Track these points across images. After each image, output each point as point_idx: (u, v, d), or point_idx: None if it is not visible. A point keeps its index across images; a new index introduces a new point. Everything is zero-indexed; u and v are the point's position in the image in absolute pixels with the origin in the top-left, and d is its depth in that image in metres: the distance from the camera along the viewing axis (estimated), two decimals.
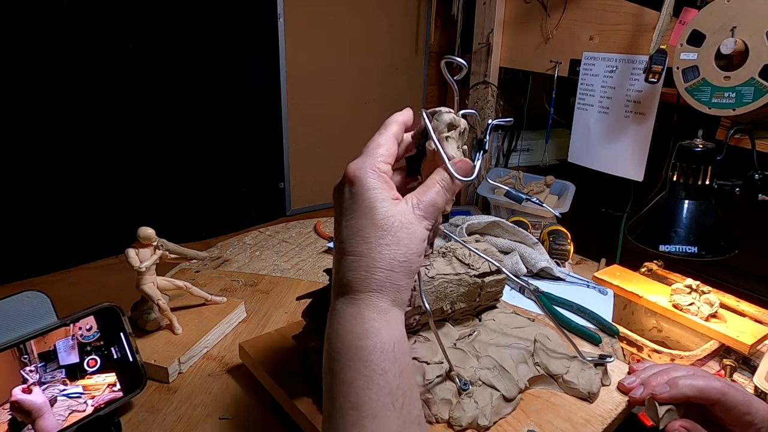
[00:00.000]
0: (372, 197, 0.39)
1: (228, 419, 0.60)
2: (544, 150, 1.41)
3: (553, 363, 0.60)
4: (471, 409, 0.53)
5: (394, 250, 0.39)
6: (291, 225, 1.26)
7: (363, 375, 0.36)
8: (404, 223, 0.39)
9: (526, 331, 0.64)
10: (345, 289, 0.39)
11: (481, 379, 0.56)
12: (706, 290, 0.91)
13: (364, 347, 0.37)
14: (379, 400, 0.35)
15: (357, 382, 0.36)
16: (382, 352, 0.37)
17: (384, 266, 0.38)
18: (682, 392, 0.52)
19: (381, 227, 0.39)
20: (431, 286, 0.60)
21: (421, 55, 1.53)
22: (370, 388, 0.36)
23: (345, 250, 0.40)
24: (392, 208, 0.39)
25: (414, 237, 0.39)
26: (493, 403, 0.54)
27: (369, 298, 0.38)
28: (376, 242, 0.38)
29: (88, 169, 1.04)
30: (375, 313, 0.38)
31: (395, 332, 0.38)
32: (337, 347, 0.38)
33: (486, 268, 0.64)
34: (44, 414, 0.52)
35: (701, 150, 0.84)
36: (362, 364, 0.36)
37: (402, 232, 0.39)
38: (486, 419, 0.53)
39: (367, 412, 0.35)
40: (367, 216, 0.39)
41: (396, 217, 0.39)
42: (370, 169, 0.40)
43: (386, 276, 0.38)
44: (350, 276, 0.39)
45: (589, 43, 1.16)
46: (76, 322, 0.57)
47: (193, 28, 1.11)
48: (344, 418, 0.36)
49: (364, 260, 0.39)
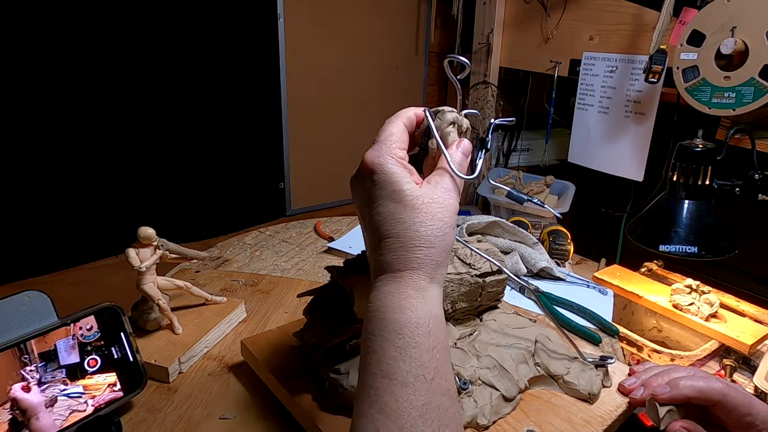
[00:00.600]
0: (397, 181, 0.40)
1: (228, 419, 0.60)
2: (544, 150, 1.41)
3: (554, 363, 0.60)
4: (470, 408, 0.53)
5: (429, 226, 0.39)
6: (291, 225, 1.26)
7: (397, 346, 0.37)
8: (435, 198, 0.40)
9: (527, 332, 0.64)
10: (384, 269, 0.40)
11: (480, 379, 0.56)
12: (706, 290, 0.91)
13: (398, 321, 0.38)
14: (410, 371, 0.36)
15: (390, 353, 0.37)
16: (417, 326, 0.38)
17: (422, 244, 0.39)
18: (683, 393, 0.52)
19: (413, 207, 0.40)
20: None
21: (421, 55, 1.53)
22: (403, 359, 0.37)
23: (382, 235, 0.40)
24: (417, 188, 0.40)
25: (447, 209, 0.40)
26: (492, 402, 0.54)
27: (408, 276, 0.39)
28: (411, 221, 0.39)
29: (88, 169, 1.04)
30: (413, 290, 0.39)
31: (432, 309, 0.39)
32: (373, 322, 0.39)
33: (487, 268, 0.65)
34: (39, 414, 0.52)
35: (701, 150, 0.84)
36: (396, 336, 0.37)
37: (434, 207, 0.40)
38: (485, 419, 0.53)
39: (399, 381, 0.36)
40: (395, 199, 0.40)
41: (425, 195, 0.40)
42: (387, 155, 0.41)
43: (425, 253, 0.39)
44: (390, 257, 0.40)
45: (589, 43, 1.16)
46: (77, 322, 0.57)
47: (193, 28, 1.11)
48: (376, 385, 0.37)
49: (402, 240, 0.39)
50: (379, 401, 0.36)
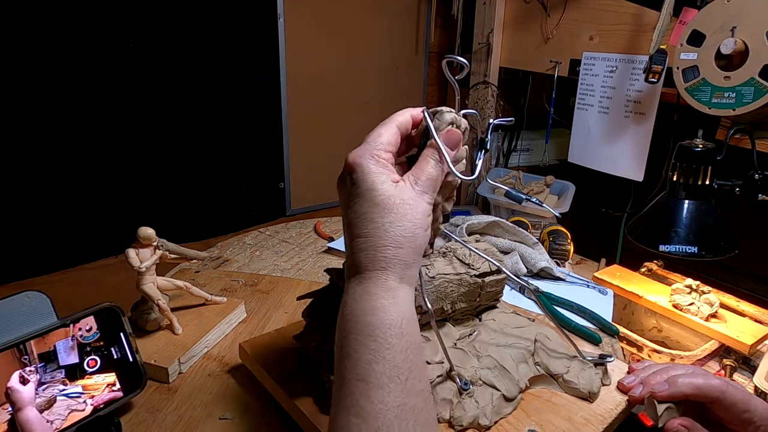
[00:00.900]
0: (372, 180, 0.41)
1: (228, 419, 0.60)
2: (544, 150, 1.41)
3: (554, 363, 0.60)
4: (472, 408, 0.53)
5: (398, 227, 0.40)
6: (291, 225, 1.26)
7: (370, 349, 0.37)
8: (405, 200, 0.41)
9: (526, 331, 0.64)
10: (355, 269, 0.41)
11: (481, 379, 0.56)
12: (706, 290, 0.91)
13: (371, 323, 0.38)
14: (384, 372, 0.37)
15: (365, 356, 0.37)
16: (389, 328, 0.38)
17: (390, 243, 0.40)
18: (681, 390, 0.52)
19: (384, 207, 0.40)
20: (432, 286, 0.60)
21: (421, 55, 1.53)
22: (376, 362, 0.37)
23: (353, 234, 0.41)
24: (392, 188, 0.41)
25: (417, 211, 0.41)
26: (493, 402, 0.54)
27: (377, 276, 0.40)
28: (381, 221, 0.40)
29: (88, 169, 1.04)
30: (383, 290, 0.39)
31: (403, 309, 0.39)
32: (346, 324, 0.39)
33: (486, 267, 0.64)
34: (25, 407, 0.52)
35: (701, 150, 0.84)
36: (370, 338, 0.38)
37: (404, 208, 0.40)
38: (487, 419, 0.53)
39: (374, 383, 0.36)
40: (369, 198, 0.40)
41: (397, 195, 0.41)
42: (368, 155, 0.42)
43: (393, 253, 0.40)
44: (360, 257, 0.40)
45: (589, 43, 1.16)
46: (76, 323, 0.57)
47: (193, 28, 1.11)
48: (351, 389, 0.37)
49: (371, 240, 0.40)
50: (355, 405, 0.36)
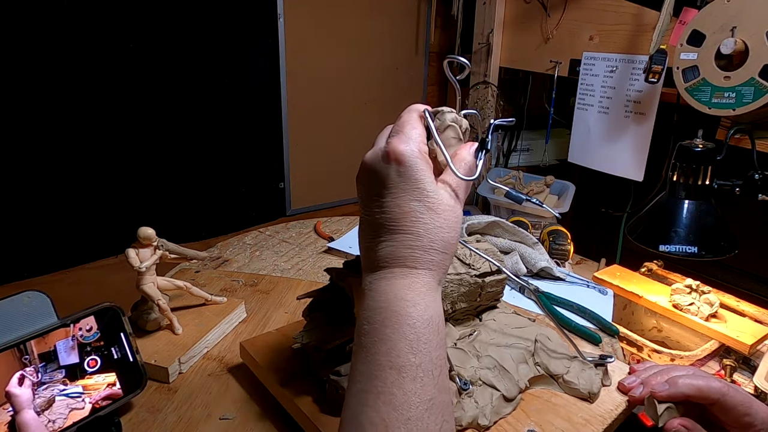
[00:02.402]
0: (421, 178, 0.41)
1: (228, 419, 0.60)
2: (544, 150, 1.41)
3: (554, 363, 0.60)
4: (471, 408, 0.53)
5: (446, 233, 0.41)
6: (291, 225, 1.26)
7: (409, 339, 0.37)
8: (451, 207, 0.41)
9: (526, 331, 0.64)
10: (394, 263, 0.40)
11: (481, 379, 0.56)
12: (706, 290, 0.91)
13: (412, 315, 0.38)
14: (421, 365, 0.37)
15: (401, 345, 0.37)
16: (429, 323, 0.38)
17: (440, 248, 0.40)
18: (681, 391, 0.52)
19: (435, 210, 0.40)
20: None
21: (421, 55, 1.53)
22: (414, 353, 0.37)
23: (397, 228, 0.41)
24: (440, 192, 0.41)
25: (458, 220, 0.42)
26: (493, 402, 0.54)
27: (424, 274, 0.40)
28: (432, 224, 0.40)
29: (88, 169, 1.04)
30: (427, 288, 0.40)
31: (439, 309, 0.40)
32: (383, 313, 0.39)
33: (487, 268, 0.64)
34: (22, 410, 0.52)
35: (701, 150, 0.84)
36: (410, 329, 0.38)
37: (450, 215, 0.41)
38: (486, 419, 0.53)
39: (408, 374, 0.36)
40: (419, 198, 0.40)
41: (444, 201, 0.41)
42: (417, 149, 0.41)
43: (441, 258, 0.41)
44: (406, 252, 0.40)
45: (589, 43, 1.16)
46: (77, 323, 0.57)
47: (193, 28, 1.11)
48: (384, 376, 0.37)
49: (421, 240, 0.40)
50: (386, 392, 0.36)
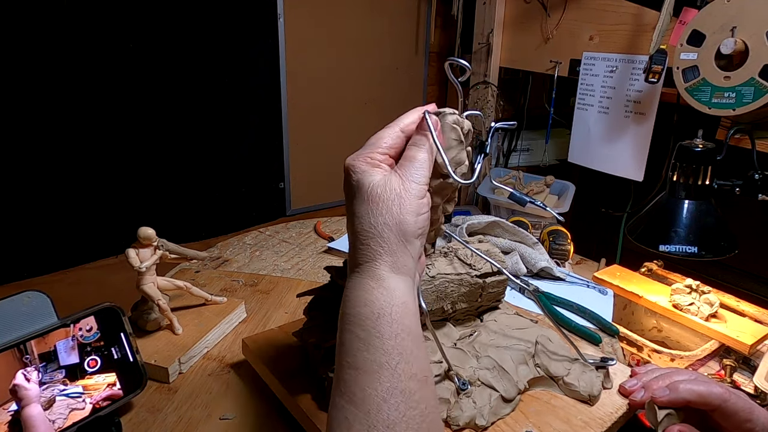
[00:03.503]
0: (361, 178, 0.42)
1: (228, 419, 0.60)
2: (544, 150, 1.41)
3: (554, 365, 0.60)
4: (469, 409, 0.53)
5: (383, 215, 0.41)
6: (291, 225, 1.26)
7: (360, 338, 0.39)
8: (392, 187, 0.41)
9: (527, 333, 0.64)
10: (353, 265, 0.43)
11: (480, 380, 0.56)
12: (706, 290, 0.91)
13: (361, 314, 0.39)
14: (374, 359, 0.38)
15: (355, 344, 0.39)
16: (379, 317, 0.39)
17: (374, 233, 0.41)
18: (682, 396, 0.52)
19: (368, 199, 0.41)
20: (432, 286, 0.60)
21: (421, 55, 1.53)
22: (366, 349, 0.38)
23: (349, 232, 0.43)
24: (380, 180, 0.42)
25: (404, 197, 0.41)
26: (491, 403, 0.54)
27: (367, 268, 0.41)
28: (366, 214, 0.41)
29: (88, 169, 1.04)
30: (373, 281, 0.40)
31: (394, 298, 0.40)
32: (343, 318, 0.41)
33: (488, 268, 0.64)
34: (31, 404, 0.52)
35: (701, 150, 0.84)
36: (360, 327, 0.39)
37: (388, 195, 0.41)
38: (484, 419, 0.53)
39: (363, 369, 0.38)
40: (359, 196, 0.42)
41: (381, 185, 0.41)
42: (360, 157, 0.43)
43: (378, 243, 0.41)
44: (352, 253, 0.42)
45: (589, 43, 1.16)
46: (77, 323, 0.57)
47: (193, 28, 1.11)
48: (345, 377, 0.38)
49: (361, 235, 0.41)
50: (347, 392, 0.38)
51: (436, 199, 0.46)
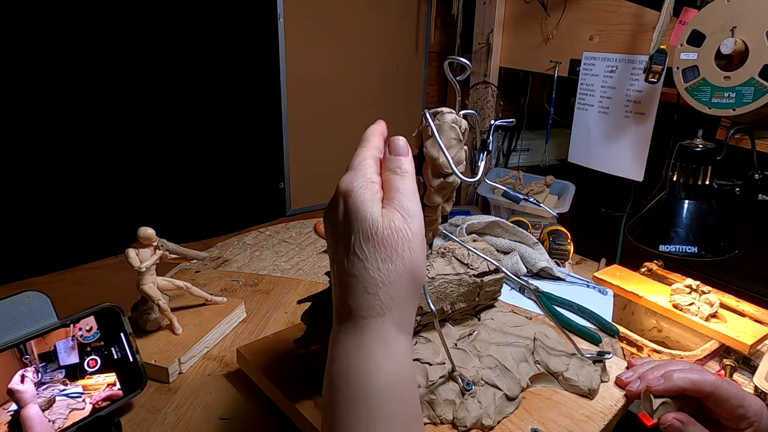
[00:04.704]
0: (364, 209, 0.36)
1: (228, 419, 0.60)
2: (544, 150, 1.41)
3: (553, 360, 0.60)
4: (475, 409, 0.53)
5: (394, 261, 0.35)
6: (291, 225, 1.26)
7: (364, 419, 0.34)
8: (395, 226, 0.36)
9: (525, 330, 0.64)
10: (347, 314, 0.36)
11: (483, 379, 0.56)
12: (706, 290, 0.91)
13: (366, 388, 0.34)
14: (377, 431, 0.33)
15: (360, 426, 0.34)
16: (386, 392, 0.34)
17: (385, 282, 0.35)
18: (677, 384, 0.52)
19: (376, 240, 0.35)
20: (432, 287, 0.60)
21: (421, 55, 1.53)
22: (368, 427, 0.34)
23: (343, 272, 0.36)
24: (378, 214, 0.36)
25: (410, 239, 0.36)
26: (496, 402, 0.54)
27: (372, 324, 0.35)
28: (375, 258, 0.35)
29: (88, 169, 1.04)
30: (380, 344, 0.35)
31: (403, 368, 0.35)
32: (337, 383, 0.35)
33: (485, 267, 0.65)
34: (27, 405, 0.52)
35: (701, 150, 0.84)
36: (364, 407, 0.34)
37: (395, 237, 0.36)
38: (490, 419, 0.53)
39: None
40: (361, 230, 0.36)
41: (385, 223, 0.36)
42: (361, 181, 0.38)
43: (388, 295, 0.35)
44: (351, 301, 0.36)
45: (589, 43, 1.16)
46: (77, 323, 0.57)
47: (193, 28, 1.11)
48: None
49: (363, 280, 0.35)
50: None
51: (437, 198, 0.46)
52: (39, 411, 0.53)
